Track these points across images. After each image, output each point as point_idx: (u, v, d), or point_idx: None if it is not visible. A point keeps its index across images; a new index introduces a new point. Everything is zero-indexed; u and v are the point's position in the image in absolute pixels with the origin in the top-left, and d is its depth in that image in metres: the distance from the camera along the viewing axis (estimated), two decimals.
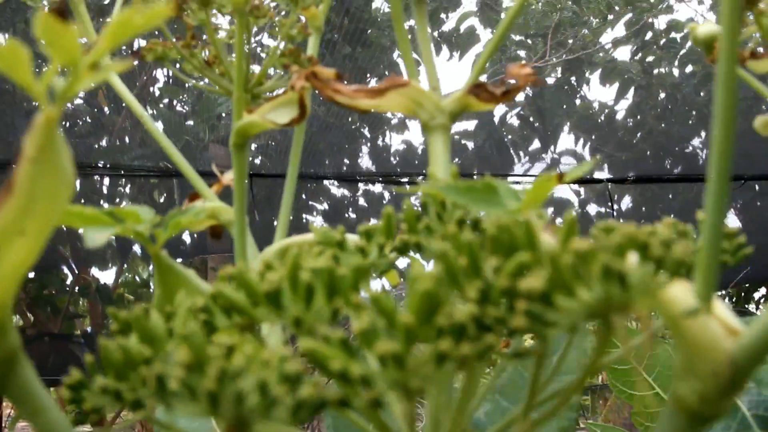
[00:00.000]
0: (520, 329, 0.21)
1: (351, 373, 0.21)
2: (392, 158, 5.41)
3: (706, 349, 0.23)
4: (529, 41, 5.08)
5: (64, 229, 5.50)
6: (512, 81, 0.40)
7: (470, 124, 5.29)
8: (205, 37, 0.52)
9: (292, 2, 0.49)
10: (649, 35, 5.47)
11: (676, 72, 5.46)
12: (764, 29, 0.41)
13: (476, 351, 0.21)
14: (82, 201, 5.44)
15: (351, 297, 0.24)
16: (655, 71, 5.47)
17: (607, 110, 5.50)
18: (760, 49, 0.42)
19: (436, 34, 5.33)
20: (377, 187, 5.29)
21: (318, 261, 0.26)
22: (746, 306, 6.57)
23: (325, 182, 5.21)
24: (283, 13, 0.51)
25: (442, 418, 0.30)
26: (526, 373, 0.54)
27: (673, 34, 5.41)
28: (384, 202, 5.17)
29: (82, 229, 0.32)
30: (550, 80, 5.11)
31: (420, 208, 0.34)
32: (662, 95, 5.41)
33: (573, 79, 5.20)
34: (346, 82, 0.41)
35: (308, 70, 0.41)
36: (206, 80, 0.53)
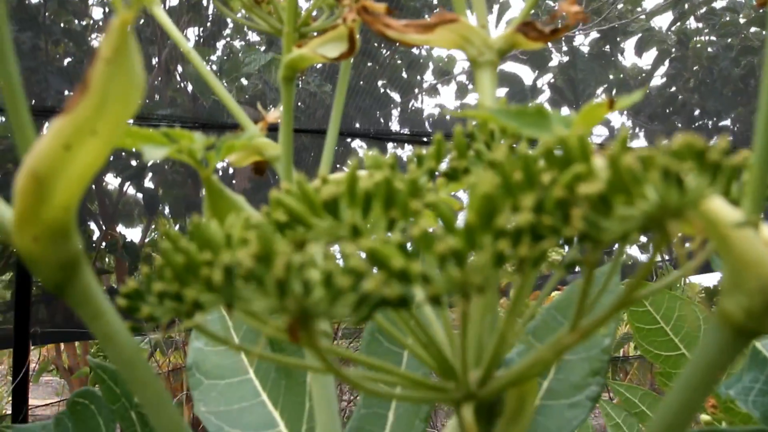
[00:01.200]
0: (576, 235, 0.22)
1: (412, 271, 0.21)
2: (425, 122, 5.39)
3: (754, 265, 0.24)
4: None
5: (93, 187, 5.55)
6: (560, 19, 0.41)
7: (500, 92, 5.26)
8: None
9: None
10: (687, 5, 5.40)
11: (714, 44, 5.39)
12: None
13: (533, 254, 0.22)
14: (111, 158, 5.49)
15: (408, 205, 0.25)
16: (692, 43, 5.41)
17: (641, 79, 5.44)
18: None
19: None
20: (407, 151, 5.29)
21: (373, 177, 0.26)
22: None
23: (353, 145, 5.22)
24: None
25: (486, 337, 0.31)
26: (558, 316, 0.54)
27: (713, 3, 5.33)
28: None
29: (142, 146, 0.33)
30: (584, 49, 5.07)
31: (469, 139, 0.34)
32: (697, 67, 5.35)
33: (607, 47, 5.15)
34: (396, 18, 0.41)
35: (359, 4, 0.41)
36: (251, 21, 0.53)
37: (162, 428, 0.28)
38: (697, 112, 5.40)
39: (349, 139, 4.82)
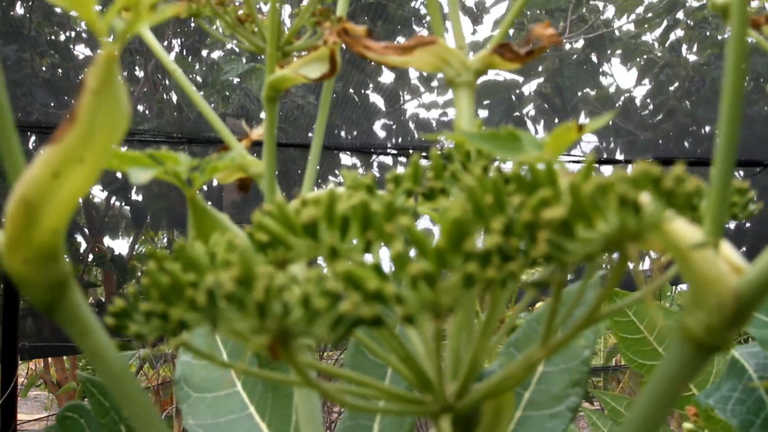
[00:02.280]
0: (541, 257, 0.23)
1: (386, 292, 0.23)
2: (409, 123, 5.40)
3: (713, 283, 0.25)
4: (548, 17, 5.06)
5: (80, 200, 5.53)
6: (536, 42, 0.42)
7: (487, 101, 5.28)
8: None
9: None
10: (680, 14, 5.43)
11: (700, 53, 5.42)
12: None
13: (500, 275, 0.23)
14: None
15: (384, 228, 0.26)
16: (679, 52, 5.44)
17: (628, 92, 5.48)
18: None
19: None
20: (391, 160, 5.30)
21: (352, 199, 0.27)
22: None
23: (340, 155, 5.23)
24: None
25: (463, 351, 0.32)
26: (538, 328, 0.56)
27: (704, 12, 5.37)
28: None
29: (128, 168, 0.34)
30: (570, 56, 5.09)
31: (446, 160, 0.35)
32: (684, 76, 5.38)
33: (594, 56, 5.18)
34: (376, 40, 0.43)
35: (340, 27, 0.42)
36: (234, 40, 0.54)
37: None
38: (686, 120, 5.43)
39: (336, 151, 4.83)
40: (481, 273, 0.22)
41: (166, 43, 4.92)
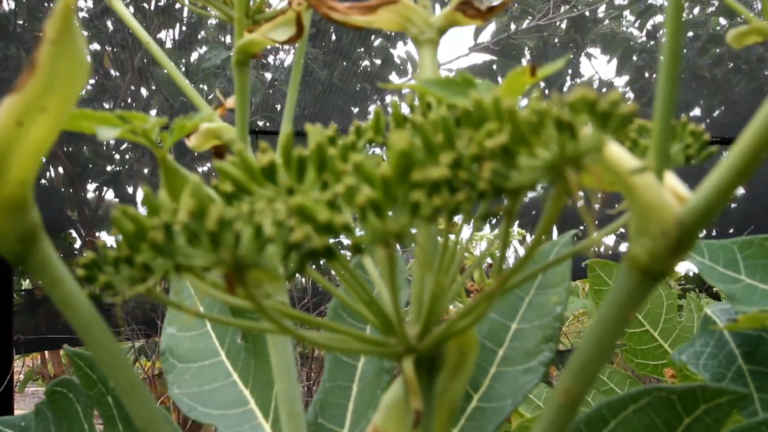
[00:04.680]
0: (487, 186, 0.24)
1: (335, 223, 0.23)
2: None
3: (656, 211, 0.26)
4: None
5: (71, 191, 5.53)
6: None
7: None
8: None
9: None
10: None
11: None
12: None
13: (448, 204, 0.24)
14: (89, 165, 5.49)
15: (340, 171, 0.27)
16: (658, 35, 5.44)
17: (608, 78, 5.49)
18: None
19: None
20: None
21: (309, 145, 0.28)
22: None
23: None
24: None
25: (426, 282, 0.33)
26: (519, 293, 0.57)
27: None
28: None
29: (96, 127, 0.35)
30: (553, 39, 5.10)
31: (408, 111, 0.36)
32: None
33: (578, 36, 5.19)
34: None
35: None
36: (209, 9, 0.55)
37: (120, 385, 0.30)
38: None
39: None
40: (427, 201, 0.23)
41: (155, 37, 4.92)
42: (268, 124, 4.82)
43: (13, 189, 0.29)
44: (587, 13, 5.11)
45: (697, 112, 5.35)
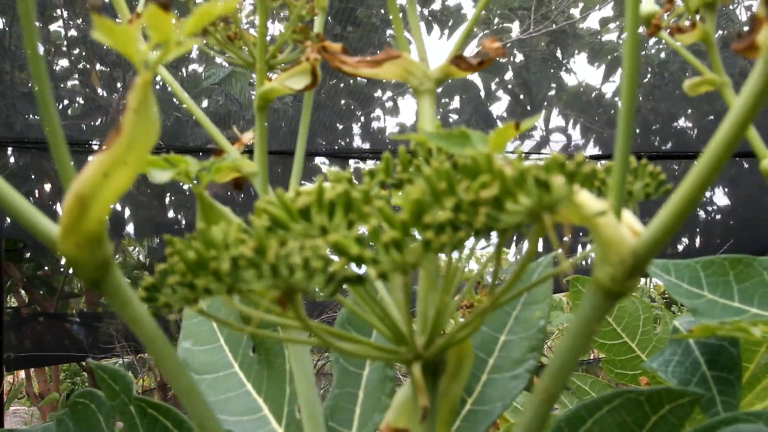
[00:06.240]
0: (482, 227, 0.30)
1: (365, 256, 0.30)
2: (386, 139, 5.49)
3: (615, 244, 0.33)
4: (513, 15, 5.15)
5: (61, 207, 5.55)
6: (486, 53, 0.50)
7: (457, 101, 5.37)
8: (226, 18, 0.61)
9: None
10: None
11: (663, 49, 5.54)
12: (689, 8, 0.50)
13: (452, 241, 0.30)
14: None
15: (362, 209, 0.33)
16: (642, 50, 5.55)
17: (595, 90, 5.58)
18: (687, 22, 0.51)
19: (426, 12, 5.41)
20: (368, 165, 5.37)
21: (335, 189, 0.35)
22: None
23: (317, 160, 5.31)
24: None
25: (429, 312, 0.39)
26: (507, 309, 0.63)
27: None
28: None
29: (150, 170, 0.42)
30: (536, 54, 5.19)
31: (411, 156, 0.43)
32: (649, 73, 5.50)
33: (558, 51, 5.28)
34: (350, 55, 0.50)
35: (319, 45, 0.50)
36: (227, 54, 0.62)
37: (179, 388, 0.36)
38: (651, 117, 5.55)
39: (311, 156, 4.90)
40: (436, 239, 0.30)
41: None
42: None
43: (93, 226, 0.35)
44: (567, 28, 5.20)
45: (683, 122, 5.46)
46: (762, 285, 0.66)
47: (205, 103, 4.76)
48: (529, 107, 5.21)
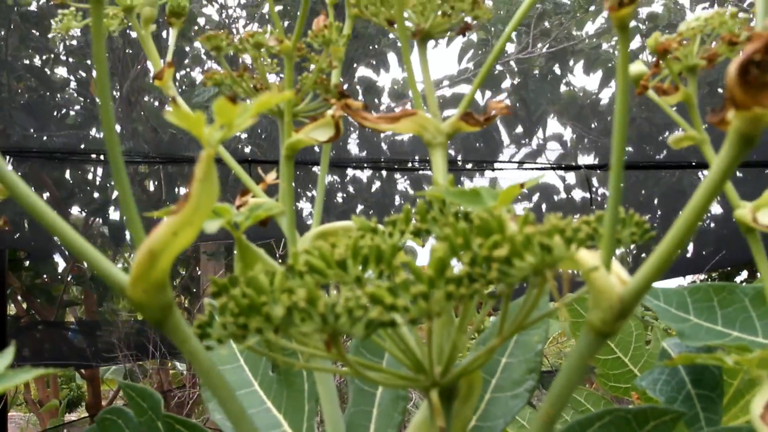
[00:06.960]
0: (494, 279, 0.36)
1: (398, 305, 0.36)
2: (382, 144, 5.56)
3: (605, 292, 0.39)
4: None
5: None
6: (493, 111, 0.56)
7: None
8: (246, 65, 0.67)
9: (325, 44, 0.64)
10: (631, 24, 5.61)
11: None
12: (672, 72, 0.56)
13: (469, 292, 0.36)
14: (75, 190, 5.57)
15: (392, 263, 0.39)
16: (637, 58, 5.62)
17: (591, 99, 5.65)
18: (673, 85, 0.57)
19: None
20: (365, 174, 5.46)
21: (366, 242, 0.41)
22: None
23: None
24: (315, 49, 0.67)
25: (445, 344, 0.45)
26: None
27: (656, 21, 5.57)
28: (372, 189, 5.34)
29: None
30: (534, 70, 5.27)
31: (428, 205, 0.49)
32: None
33: (557, 67, 5.36)
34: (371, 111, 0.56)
35: (343, 102, 0.56)
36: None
37: (231, 413, 0.42)
38: (646, 126, 5.62)
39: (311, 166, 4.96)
40: (456, 291, 0.36)
41: (140, 68, 5.05)
42: (257, 151, 4.95)
43: (159, 275, 0.41)
44: (565, 45, 5.27)
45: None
46: (743, 311, 0.72)
47: None
48: (528, 120, 5.27)
